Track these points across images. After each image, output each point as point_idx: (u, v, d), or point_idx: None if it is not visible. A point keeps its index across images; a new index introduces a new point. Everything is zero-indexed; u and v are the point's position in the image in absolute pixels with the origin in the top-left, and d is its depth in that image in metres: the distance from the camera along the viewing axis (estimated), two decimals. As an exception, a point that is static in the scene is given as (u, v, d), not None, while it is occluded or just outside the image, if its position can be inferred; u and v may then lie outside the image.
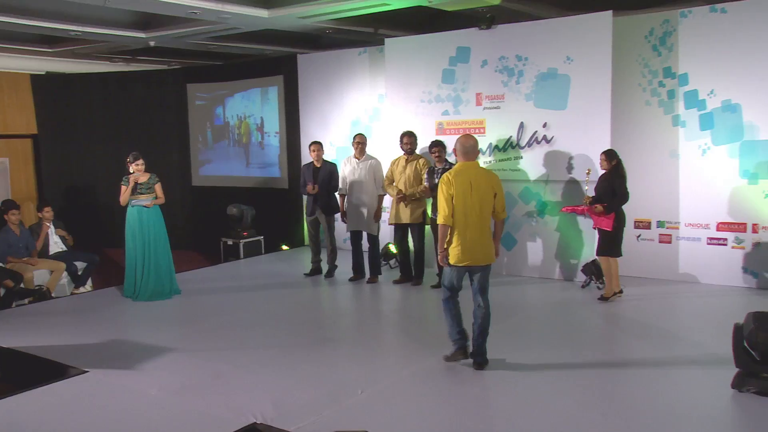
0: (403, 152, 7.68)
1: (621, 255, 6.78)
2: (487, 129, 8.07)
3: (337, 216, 8.38)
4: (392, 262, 8.58)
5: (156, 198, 7.48)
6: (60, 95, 11.94)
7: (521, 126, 7.83)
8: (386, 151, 8.65)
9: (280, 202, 10.83)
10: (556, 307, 6.74)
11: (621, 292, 6.87)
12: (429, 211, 7.58)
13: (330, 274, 8.33)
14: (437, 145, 7.38)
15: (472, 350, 5.08)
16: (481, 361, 5.04)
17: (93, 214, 11.74)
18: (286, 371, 5.04)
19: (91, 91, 11.85)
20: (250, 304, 7.21)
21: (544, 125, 7.67)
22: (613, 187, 6.57)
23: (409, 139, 7.61)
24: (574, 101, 7.45)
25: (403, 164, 7.65)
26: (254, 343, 5.79)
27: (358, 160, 7.94)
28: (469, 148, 5.03)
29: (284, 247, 10.65)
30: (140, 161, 7.44)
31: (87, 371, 5.11)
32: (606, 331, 5.97)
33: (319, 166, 8.09)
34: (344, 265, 8.52)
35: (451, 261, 4.96)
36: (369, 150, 8.22)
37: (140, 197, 7.39)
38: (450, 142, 8.13)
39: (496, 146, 8.03)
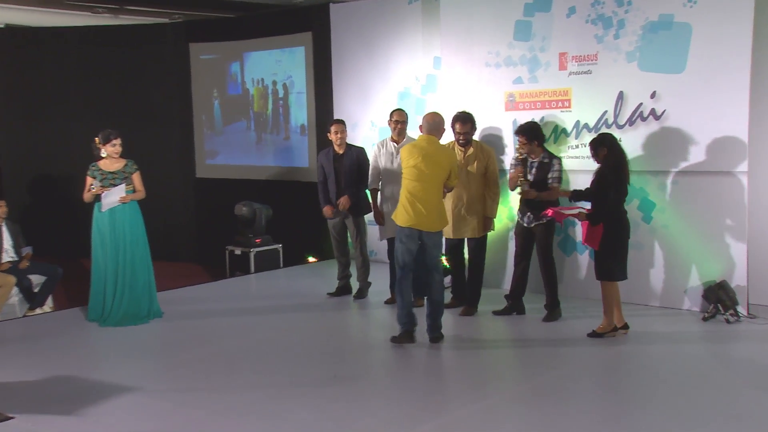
0: (456, 143, 7.69)
1: (624, 278, 6.81)
2: (574, 102, 8.04)
3: (370, 217, 8.37)
4: (445, 280, 8.50)
5: (134, 191, 7.65)
6: (23, 56, 12.17)
7: (620, 97, 7.77)
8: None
9: (305, 199, 10.90)
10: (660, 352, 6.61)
11: (625, 327, 6.88)
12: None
13: (361, 294, 8.43)
14: (525, 133, 7.40)
15: (427, 326, 6.72)
16: (437, 335, 6.68)
17: (66, 214, 11.92)
18: (273, 421, 5.06)
19: (65, 52, 12.09)
20: (249, 331, 7.36)
21: (653, 95, 7.59)
22: (602, 187, 6.61)
23: (463, 126, 7.59)
24: (697, 61, 7.34)
25: (461, 159, 7.61)
26: (242, 381, 5.88)
27: (397, 144, 7.96)
28: (433, 124, 6.72)
29: (310, 259, 10.84)
30: (116, 141, 7.60)
31: (12, 417, 5.20)
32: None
33: (341, 152, 8.19)
34: (380, 283, 8.51)
35: (399, 222, 6.59)
36: (419, 132, 8.11)
37: (111, 189, 7.53)
38: (522, 118, 8.22)
39: (585, 125, 7.96)
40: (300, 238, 10.87)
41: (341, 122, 8.28)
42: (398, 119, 7.95)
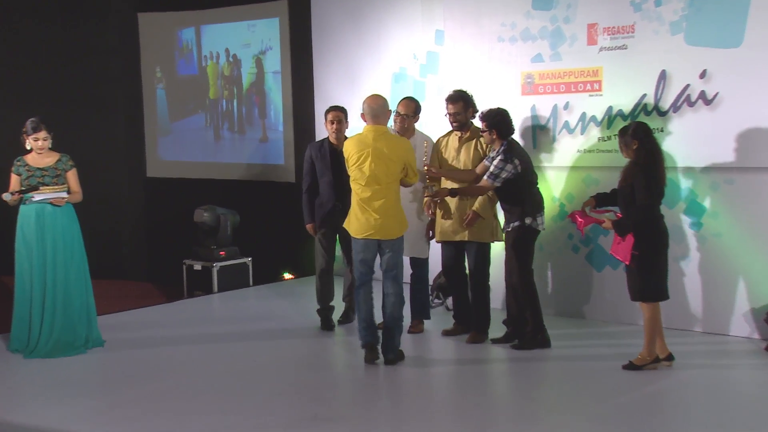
0: (452, 128, 7.80)
1: (665, 297, 6.79)
2: (606, 84, 8.02)
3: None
4: (450, 301, 8.61)
5: (69, 192, 7.56)
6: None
7: (663, 77, 7.77)
8: (446, 124, 8.58)
9: (280, 203, 10.90)
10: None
11: (670, 358, 6.84)
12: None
13: (347, 317, 8.42)
14: (486, 119, 7.43)
15: (381, 345, 6.99)
16: (392, 358, 6.97)
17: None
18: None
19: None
20: (210, 362, 7.36)
21: (703, 75, 7.59)
22: (632, 188, 6.63)
23: (453, 105, 7.64)
24: (756, 33, 7.29)
25: (455, 146, 7.75)
26: (200, 424, 5.82)
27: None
28: (377, 108, 6.90)
29: (287, 276, 10.86)
30: (42, 133, 7.53)
31: None
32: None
33: (341, 149, 8.02)
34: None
35: (352, 233, 6.90)
36: (419, 122, 8.13)
37: (43, 190, 7.46)
38: (542, 104, 8.31)
39: (620, 113, 7.95)
40: (274, 251, 10.86)
41: (341, 110, 8.16)
42: (403, 110, 7.86)
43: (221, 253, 10.42)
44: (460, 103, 7.61)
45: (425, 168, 7.39)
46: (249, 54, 11.30)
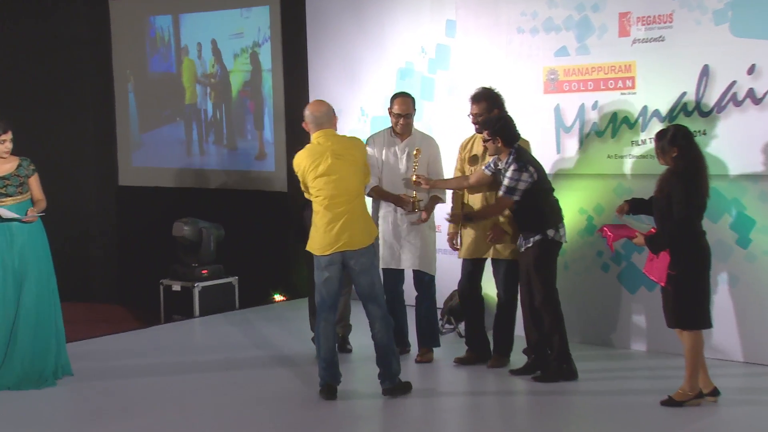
0: (475, 131, 7.83)
1: (709, 325, 6.75)
2: (640, 81, 8.02)
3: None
4: (463, 326, 8.59)
5: (32, 201, 7.55)
6: None
7: (705, 73, 7.73)
8: (457, 126, 8.72)
9: (270, 214, 10.94)
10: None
11: (715, 393, 6.77)
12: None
13: (341, 345, 8.30)
14: (487, 125, 7.43)
15: (378, 375, 7.00)
16: (391, 387, 6.97)
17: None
18: None
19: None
20: (191, 397, 7.33)
21: (751, 70, 7.54)
22: (670, 200, 6.59)
23: (476, 105, 7.68)
24: None
25: (478, 151, 7.80)
26: None
27: (401, 140, 8.00)
28: (321, 116, 7.01)
29: (277, 298, 10.90)
30: (6, 136, 7.49)
31: None
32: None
33: None
34: (361, 327, 8.25)
35: (315, 251, 6.91)
36: (428, 124, 8.26)
37: (5, 202, 7.42)
38: (567, 103, 8.28)
39: (656, 113, 7.92)
40: (263, 269, 10.90)
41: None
42: (400, 111, 7.89)
43: (203, 271, 10.43)
44: (483, 103, 7.62)
45: (413, 178, 7.53)
46: (239, 47, 11.26)
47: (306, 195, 7.03)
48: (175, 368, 8.01)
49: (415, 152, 7.63)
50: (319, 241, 6.88)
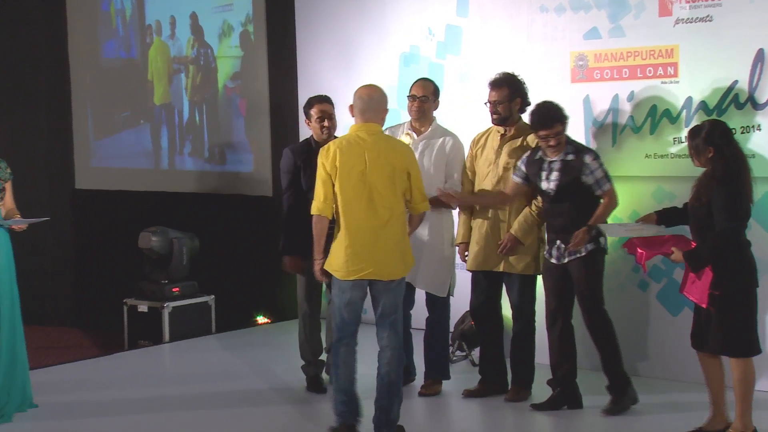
0: (492, 122, 7.87)
1: (759, 351, 6.74)
2: (683, 68, 8.04)
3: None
4: (476, 353, 8.65)
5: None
6: None
7: (760, 58, 7.75)
8: (470, 119, 8.73)
9: (252, 224, 10.98)
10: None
11: None
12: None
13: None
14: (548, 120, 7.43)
15: (373, 417, 6.75)
16: None
17: None
18: None
19: None
20: None
21: None
22: (710, 209, 6.57)
23: (497, 91, 7.72)
24: None
25: (494, 145, 7.84)
26: None
27: (417, 134, 8.05)
28: (371, 103, 6.82)
29: (260, 320, 10.94)
30: None
31: None
32: None
33: None
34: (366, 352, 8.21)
35: (336, 272, 6.70)
36: (442, 117, 8.22)
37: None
38: (598, 94, 8.33)
39: (702, 105, 7.94)
40: (244, 287, 10.97)
41: (328, 101, 8.20)
42: (415, 92, 7.96)
43: (174, 289, 10.46)
44: (505, 89, 7.66)
45: (437, 192, 7.51)
46: (226, 23, 11.17)
47: (320, 206, 6.76)
48: (141, 403, 7.96)
49: (406, 134, 7.67)
50: (340, 264, 6.69)
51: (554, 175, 7.38)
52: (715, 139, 6.58)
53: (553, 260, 7.46)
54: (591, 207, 7.32)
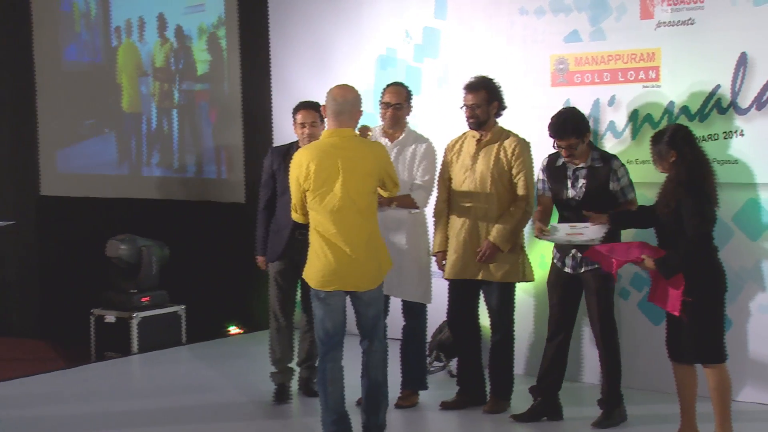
0: (468, 126, 7.85)
1: (723, 359, 6.76)
2: (665, 72, 8.06)
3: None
4: (454, 364, 8.65)
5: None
6: None
7: (743, 62, 7.77)
8: (448, 124, 8.71)
9: (224, 231, 10.96)
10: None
11: None
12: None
13: (307, 387, 8.41)
14: (564, 132, 7.40)
15: (362, 423, 6.85)
16: None
17: None
18: None
19: None
20: None
21: None
22: (679, 214, 6.61)
23: (473, 95, 7.70)
24: None
25: (470, 151, 7.80)
26: None
27: (391, 141, 8.05)
28: (345, 105, 6.80)
29: (233, 330, 10.90)
30: None
31: None
32: None
33: None
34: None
35: (313, 282, 6.71)
36: (413, 121, 8.26)
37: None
38: (579, 98, 8.23)
39: (684, 110, 7.95)
40: (216, 296, 10.92)
41: (314, 107, 8.14)
42: (389, 99, 7.97)
43: (143, 299, 10.40)
44: (482, 92, 7.65)
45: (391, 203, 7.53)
46: (196, 26, 11.16)
47: (295, 216, 6.94)
48: (108, 418, 7.93)
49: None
50: (317, 274, 6.71)
51: (580, 182, 7.40)
52: (677, 143, 6.67)
53: (567, 269, 7.46)
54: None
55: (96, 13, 11.42)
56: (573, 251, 7.41)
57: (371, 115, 8.66)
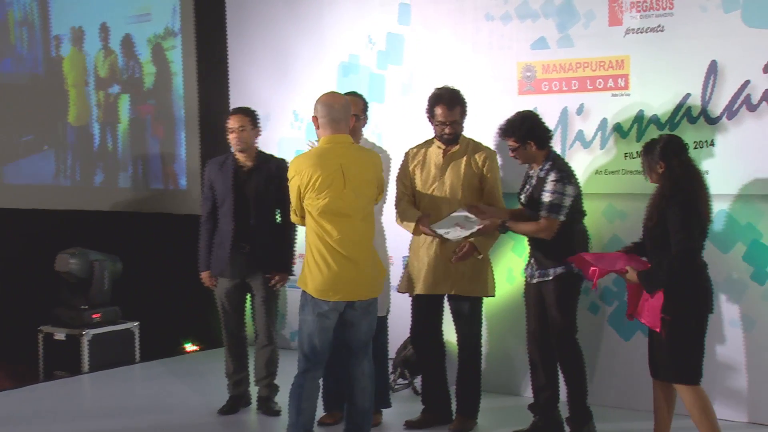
0: (436, 138, 7.87)
1: (697, 380, 6.75)
2: (634, 80, 8.10)
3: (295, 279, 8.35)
4: (419, 381, 8.66)
5: None
6: None
7: (713, 71, 7.81)
8: (413, 133, 8.72)
9: (180, 244, 10.84)
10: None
11: None
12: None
13: (267, 406, 8.46)
14: (512, 131, 7.48)
15: None
16: None
17: None
18: None
19: None
20: None
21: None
22: (664, 228, 6.61)
23: (448, 111, 7.69)
24: None
25: (437, 162, 7.84)
26: None
27: None
28: (341, 111, 6.83)
29: (189, 348, 10.99)
30: None
31: None
32: None
33: (250, 165, 8.27)
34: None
35: (315, 292, 6.63)
36: (377, 131, 8.37)
37: None
38: (547, 107, 8.32)
39: (654, 119, 8.00)
40: (171, 312, 10.94)
41: (245, 113, 8.24)
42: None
43: (94, 315, 10.38)
44: (458, 108, 7.71)
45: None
46: (144, 36, 11.18)
47: (294, 219, 6.93)
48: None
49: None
50: (320, 284, 6.66)
51: (526, 188, 7.52)
52: (667, 155, 6.65)
53: (528, 278, 7.53)
54: (560, 232, 7.29)
55: (35, 22, 11.37)
56: (532, 260, 7.52)
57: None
